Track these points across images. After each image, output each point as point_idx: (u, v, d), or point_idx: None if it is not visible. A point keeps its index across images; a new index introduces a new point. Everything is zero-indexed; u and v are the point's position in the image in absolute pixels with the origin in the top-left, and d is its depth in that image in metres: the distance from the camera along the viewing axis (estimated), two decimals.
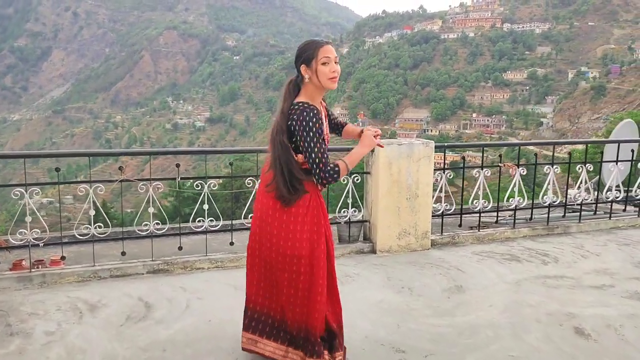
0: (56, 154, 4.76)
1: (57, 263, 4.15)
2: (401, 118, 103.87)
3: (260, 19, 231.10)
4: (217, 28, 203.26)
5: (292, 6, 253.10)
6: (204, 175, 4.29)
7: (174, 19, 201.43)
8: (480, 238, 5.31)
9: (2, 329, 3.15)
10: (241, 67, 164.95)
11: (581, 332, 3.25)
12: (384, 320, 3.41)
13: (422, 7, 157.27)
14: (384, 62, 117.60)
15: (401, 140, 4.85)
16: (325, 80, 2.43)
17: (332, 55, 2.44)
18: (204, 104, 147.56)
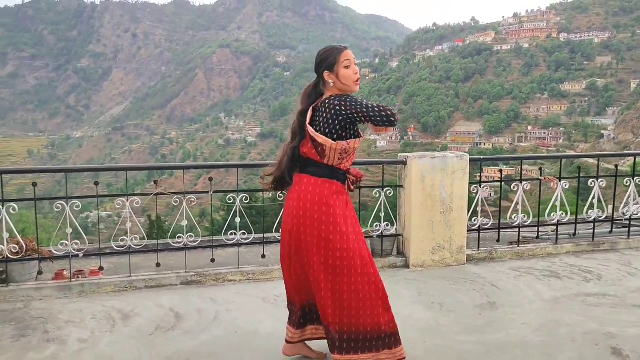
0: (94, 168, 4.99)
1: (96, 273, 4.32)
2: (453, 131, 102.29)
3: (311, 35, 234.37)
4: (268, 45, 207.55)
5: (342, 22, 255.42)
6: (236, 189, 4.37)
7: (227, 37, 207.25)
8: (520, 254, 5.14)
9: (40, 335, 3.30)
10: (291, 82, 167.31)
11: (619, 353, 3.09)
12: (410, 335, 3.35)
13: (474, 19, 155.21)
14: (435, 75, 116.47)
15: (434, 154, 4.79)
16: (351, 82, 2.54)
17: (352, 58, 2.55)
18: (255, 119, 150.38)
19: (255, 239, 4.57)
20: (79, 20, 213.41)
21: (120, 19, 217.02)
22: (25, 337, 3.27)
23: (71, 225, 4.02)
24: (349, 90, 2.57)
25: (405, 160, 4.77)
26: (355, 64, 2.57)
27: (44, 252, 4.15)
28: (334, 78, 2.55)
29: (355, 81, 2.55)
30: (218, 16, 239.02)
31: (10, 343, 3.18)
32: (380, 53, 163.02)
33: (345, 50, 2.56)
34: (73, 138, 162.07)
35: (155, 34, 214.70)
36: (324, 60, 2.56)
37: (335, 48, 2.57)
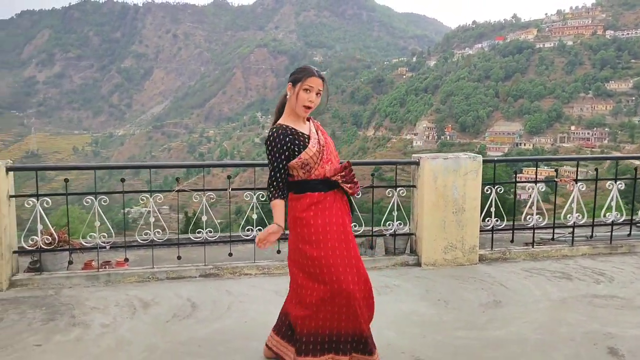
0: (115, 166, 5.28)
1: (121, 264, 4.61)
2: (492, 131, 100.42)
3: (347, 34, 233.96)
4: (305, 44, 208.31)
5: (379, 20, 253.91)
6: (253, 187, 4.58)
7: (264, 37, 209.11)
8: (534, 255, 5.18)
9: (67, 319, 3.58)
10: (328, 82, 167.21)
11: (615, 353, 3.14)
12: (411, 330, 3.49)
13: (515, 17, 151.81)
14: (474, 74, 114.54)
15: (447, 155, 4.88)
16: (299, 105, 2.66)
17: (315, 86, 2.65)
18: None
19: None
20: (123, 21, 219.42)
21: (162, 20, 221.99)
22: (53, 321, 3.56)
23: (99, 218, 4.31)
24: (296, 109, 2.67)
25: (418, 161, 4.88)
26: (317, 93, 2.66)
27: (75, 243, 4.45)
28: (292, 93, 2.67)
29: (303, 106, 2.65)
30: (256, 16, 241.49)
31: (39, 326, 3.47)
32: (417, 52, 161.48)
33: (314, 76, 2.64)
34: (115, 136, 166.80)
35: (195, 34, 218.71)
36: (295, 74, 2.70)
37: (309, 70, 2.67)
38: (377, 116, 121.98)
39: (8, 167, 4.12)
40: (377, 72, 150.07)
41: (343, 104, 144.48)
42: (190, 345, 3.22)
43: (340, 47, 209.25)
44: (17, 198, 4.26)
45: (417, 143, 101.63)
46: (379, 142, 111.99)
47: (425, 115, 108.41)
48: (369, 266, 4.74)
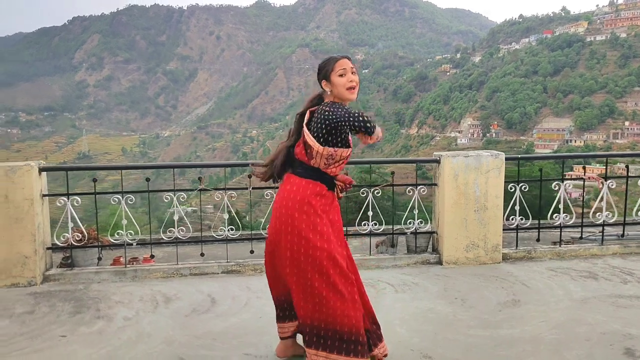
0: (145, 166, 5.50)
1: (148, 261, 4.79)
2: (539, 128, 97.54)
3: (390, 31, 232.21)
4: (347, 43, 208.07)
5: (422, 17, 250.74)
6: (273, 186, 4.67)
7: (306, 36, 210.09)
8: (561, 254, 5.07)
9: (92, 312, 3.77)
10: (370, 80, 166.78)
11: (631, 354, 3.06)
12: (424, 328, 3.49)
13: (564, 9, 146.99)
14: (521, 70, 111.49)
15: (468, 153, 4.84)
16: (343, 90, 2.62)
17: (347, 67, 2.63)
18: None
19: None
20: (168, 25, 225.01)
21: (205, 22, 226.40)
22: (80, 313, 3.75)
23: (125, 217, 4.50)
24: (343, 97, 2.64)
25: (438, 159, 4.86)
26: (352, 72, 2.64)
27: (104, 240, 4.66)
28: (330, 86, 2.65)
29: (347, 88, 2.62)
30: (297, 16, 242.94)
31: (67, 318, 3.66)
32: (462, 48, 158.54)
33: (341, 59, 2.64)
34: (162, 136, 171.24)
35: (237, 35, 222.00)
36: (322, 69, 2.68)
37: (332, 58, 2.68)
38: (420, 114, 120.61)
39: (41, 167, 4.36)
40: (420, 70, 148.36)
41: (385, 102, 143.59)
42: (206, 339, 3.34)
43: (382, 45, 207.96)
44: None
45: (462, 141, 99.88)
46: (423, 140, 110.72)
47: (470, 112, 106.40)
48: (389, 264, 4.78)
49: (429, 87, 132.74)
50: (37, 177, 4.31)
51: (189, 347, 3.21)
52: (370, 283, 4.36)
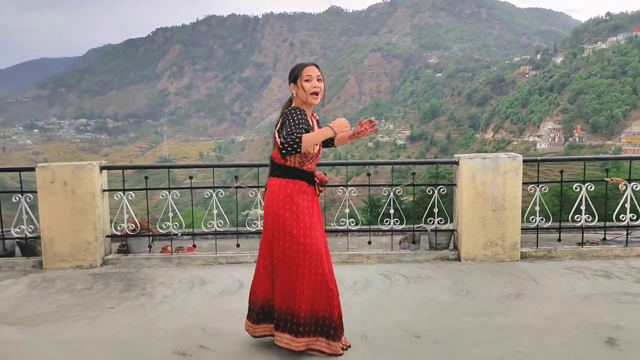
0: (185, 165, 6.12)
1: (191, 250, 5.39)
2: (629, 132, 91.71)
3: (465, 33, 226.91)
4: (420, 47, 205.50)
5: (500, 17, 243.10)
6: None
7: (378, 41, 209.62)
8: (583, 254, 5.17)
9: (138, 290, 4.39)
10: (443, 84, 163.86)
11: (612, 343, 3.25)
12: (423, 314, 3.82)
13: None
14: (608, 70, 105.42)
15: (486, 155, 5.07)
16: (307, 94, 2.91)
17: (314, 74, 2.91)
18: (405, 122, 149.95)
19: None
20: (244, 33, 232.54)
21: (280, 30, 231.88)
22: (128, 291, 4.38)
23: (172, 210, 5.13)
24: (307, 101, 2.92)
25: (457, 161, 5.13)
26: (318, 79, 2.90)
27: (154, 231, 5.31)
28: (296, 89, 2.94)
29: (311, 93, 2.89)
30: (370, 21, 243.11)
31: (116, 294, 4.30)
32: (542, 48, 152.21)
33: (309, 66, 2.92)
34: (236, 142, 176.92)
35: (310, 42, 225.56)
36: (291, 74, 2.97)
37: (302, 64, 2.96)
38: (497, 118, 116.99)
39: (101, 166, 5.08)
40: (496, 72, 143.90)
41: (459, 106, 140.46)
42: (227, 315, 3.84)
43: (457, 48, 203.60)
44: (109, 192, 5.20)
45: (542, 145, 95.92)
46: (499, 145, 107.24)
47: (551, 115, 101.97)
48: (410, 259, 5.12)
49: (506, 90, 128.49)
50: (99, 174, 5.02)
51: (211, 320, 3.72)
52: (387, 275, 4.72)
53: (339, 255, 5.14)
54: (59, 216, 4.91)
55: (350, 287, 4.42)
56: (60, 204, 4.91)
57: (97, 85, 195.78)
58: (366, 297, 4.19)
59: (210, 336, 3.45)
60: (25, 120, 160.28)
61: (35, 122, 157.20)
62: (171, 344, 3.31)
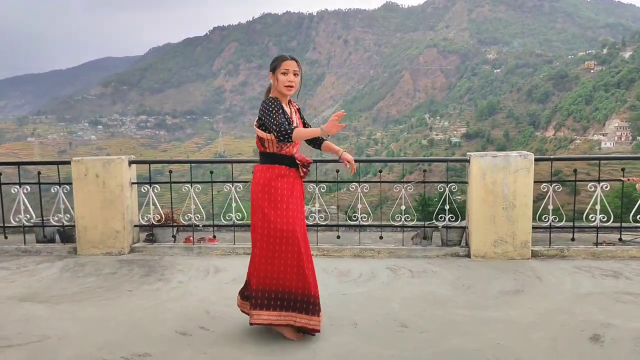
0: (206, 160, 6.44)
1: (212, 241, 5.71)
2: None
3: (526, 28, 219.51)
4: (477, 42, 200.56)
5: (564, 10, 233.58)
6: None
7: (434, 37, 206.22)
8: (597, 254, 5.13)
9: (157, 276, 4.74)
10: (502, 80, 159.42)
11: (596, 339, 3.28)
12: (416, 305, 3.96)
13: None
14: None
15: (496, 153, 5.11)
16: (282, 86, 3.15)
17: (291, 68, 3.14)
18: (460, 119, 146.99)
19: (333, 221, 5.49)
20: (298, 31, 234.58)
21: (334, 27, 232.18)
22: (148, 276, 4.74)
23: (194, 203, 5.46)
24: (281, 92, 3.16)
25: (469, 159, 5.20)
26: (295, 74, 3.14)
27: (178, 222, 5.67)
28: (273, 80, 3.19)
29: (285, 86, 3.13)
30: (426, 16, 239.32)
31: (137, 279, 4.67)
32: (609, 42, 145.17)
33: (289, 60, 3.14)
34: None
35: (365, 38, 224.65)
36: (272, 64, 3.20)
37: (282, 56, 3.18)
38: (558, 115, 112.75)
39: (130, 160, 5.47)
40: (559, 68, 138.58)
41: (518, 102, 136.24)
42: (232, 300, 4.06)
43: (517, 43, 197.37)
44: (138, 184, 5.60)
45: (607, 144, 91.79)
46: (560, 144, 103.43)
47: (617, 113, 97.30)
48: (420, 255, 5.24)
49: (569, 86, 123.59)
50: (127, 168, 5.42)
51: (216, 305, 4.00)
52: (393, 268, 4.88)
53: (350, 250, 5.32)
54: (91, 206, 5.35)
55: (355, 279, 4.60)
56: (93, 195, 5.34)
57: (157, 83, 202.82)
58: (367, 289, 4.36)
59: (212, 319, 3.73)
60: (90, 116, 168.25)
61: (99, 119, 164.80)
62: (175, 324, 3.61)
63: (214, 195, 5.61)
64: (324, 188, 5.44)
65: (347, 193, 5.86)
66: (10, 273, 4.89)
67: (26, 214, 5.68)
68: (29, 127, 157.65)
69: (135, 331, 3.51)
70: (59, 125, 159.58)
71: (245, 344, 3.30)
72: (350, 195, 5.61)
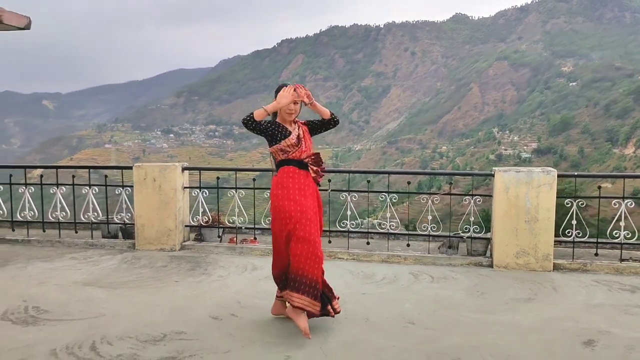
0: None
1: (253, 242, 6.24)
2: None
3: (604, 40, 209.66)
4: (551, 54, 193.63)
5: None
6: (348, 189, 5.78)
7: (505, 49, 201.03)
8: (620, 270, 5.23)
9: (201, 270, 5.31)
10: (577, 94, 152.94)
11: (589, 344, 3.51)
12: (428, 307, 4.28)
13: None
14: None
15: (520, 168, 5.34)
16: (284, 112, 3.70)
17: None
18: (531, 134, 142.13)
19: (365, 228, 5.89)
20: (365, 43, 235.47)
21: (401, 39, 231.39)
22: (193, 270, 5.32)
23: (238, 206, 6.03)
24: (284, 117, 3.71)
25: (494, 173, 5.46)
26: (295, 102, 3.64)
27: (224, 223, 6.25)
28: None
29: (286, 113, 3.68)
30: (497, 28, 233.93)
31: (184, 272, 5.26)
32: None
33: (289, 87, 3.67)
34: (353, 150, 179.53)
35: (432, 51, 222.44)
36: (276, 91, 3.73)
37: (284, 85, 3.72)
38: (639, 132, 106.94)
39: (183, 167, 6.12)
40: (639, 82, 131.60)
41: (594, 118, 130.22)
42: (264, 294, 4.58)
43: (595, 56, 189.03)
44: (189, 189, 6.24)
45: None
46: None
47: None
48: (444, 263, 5.55)
49: None
50: (180, 173, 6.07)
51: (248, 296, 4.51)
52: (416, 274, 5.21)
53: (379, 255, 5.69)
54: (149, 207, 6.03)
55: (377, 282, 4.98)
56: (150, 197, 6.02)
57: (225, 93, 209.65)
58: (386, 290, 4.73)
59: (243, 308, 4.23)
60: (163, 125, 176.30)
61: (171, 127, 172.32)
62: (210, 311, 4.14)
63: (256, 201, 6.14)
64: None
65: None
66: (78, 262, 5.63)
67: (94, 212, 6.45)
68: (107, 134, 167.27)
69: (176, 314, 4.06)
70: (134, 133, 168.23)
71: (268, 329, 3.78)
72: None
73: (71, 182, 6.37)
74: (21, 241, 6.47)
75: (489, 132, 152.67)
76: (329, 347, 3.46)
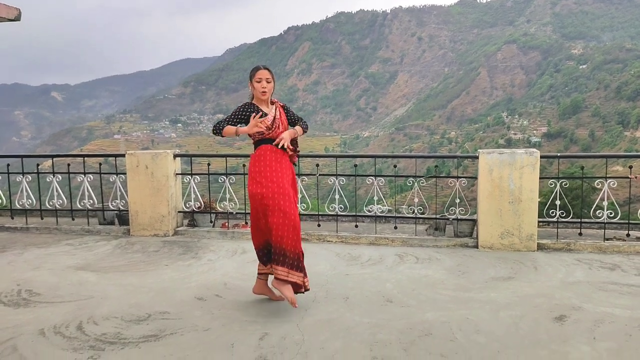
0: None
1: (244, 226, 6.37)
2: None
3: (615, 21, 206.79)
4: (561, 37, 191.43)
5: None
6: (336, 173, 5.87)
7: (513, 32, 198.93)
8: (603, 248, 5.30)
9: (191, 254, 5.45)
10: (587, 76, 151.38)
11: (560, 319, 3.59)
12: (408, 285, 4.39)
13: None
14: None
15: (503, 150, 5.40)
16: (258, 92, 3.79)
17: (264, 77, 3.76)
18: (541, 118, 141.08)
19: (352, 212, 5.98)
20: (371, 29, 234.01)
21: (408, 24, 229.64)
22: (184, 254, 5.46)
23: (228, 192, 6.15)
24: (258, 97, 3.80)
25: (478, 155, 5.52)
26: (267, 81, 3.75)
27: (216, 209, 6.38)
28: (251, 87, 3.83)
29: (260, 92, 3.76)
30: (505, 11, 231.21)
31: (175, 256, 5.40)
32: None
33: (262, 70, 3.76)
34: (361, 137, 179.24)
35: (439, 35, 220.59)
36: (249, 74, 3.84)
37: (257, 67, 3.81)
38: None
39: (175, 154, 6.25)
40: None
41: (606, 100, 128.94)
42: (250, 275, 4.71)
43: (606, 37, 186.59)
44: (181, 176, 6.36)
45: None
46: None
47: None
48: (430, 244, 5.64)
49: None
50: (172, 160, 6.19)
51: (234, 279, 4.64)
52: (401, 255, 5.31)
53: (366, 238, 5.80)
54: (142, 194, 6.17)
55: (362, 263, 5.09)
56: (143, 183, 6.15)
57: (233, 82, 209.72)
58: (369, 271, 4.84)
59: (227, 289, 4.37)
60: (171, 115, 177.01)
61: (179, 117, 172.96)
62: (195, 292, 4.27)
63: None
64: (343, 181, 5.94)
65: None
66: (73, 248, 5.79)
67: (89, 200, 6.60)
68: (116, 124, 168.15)
69: (161, 295, 4.20)
70: (142, 124, 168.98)
71: (249, 308, 3.91)
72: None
73: (67, 171, 6.52)
74: (20, 229, 6.65)
75: (498, 117, 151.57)
76: (305, 324, 3.58)
